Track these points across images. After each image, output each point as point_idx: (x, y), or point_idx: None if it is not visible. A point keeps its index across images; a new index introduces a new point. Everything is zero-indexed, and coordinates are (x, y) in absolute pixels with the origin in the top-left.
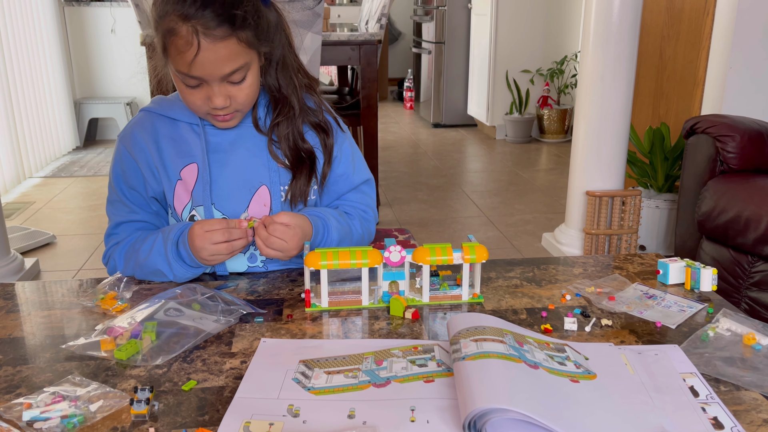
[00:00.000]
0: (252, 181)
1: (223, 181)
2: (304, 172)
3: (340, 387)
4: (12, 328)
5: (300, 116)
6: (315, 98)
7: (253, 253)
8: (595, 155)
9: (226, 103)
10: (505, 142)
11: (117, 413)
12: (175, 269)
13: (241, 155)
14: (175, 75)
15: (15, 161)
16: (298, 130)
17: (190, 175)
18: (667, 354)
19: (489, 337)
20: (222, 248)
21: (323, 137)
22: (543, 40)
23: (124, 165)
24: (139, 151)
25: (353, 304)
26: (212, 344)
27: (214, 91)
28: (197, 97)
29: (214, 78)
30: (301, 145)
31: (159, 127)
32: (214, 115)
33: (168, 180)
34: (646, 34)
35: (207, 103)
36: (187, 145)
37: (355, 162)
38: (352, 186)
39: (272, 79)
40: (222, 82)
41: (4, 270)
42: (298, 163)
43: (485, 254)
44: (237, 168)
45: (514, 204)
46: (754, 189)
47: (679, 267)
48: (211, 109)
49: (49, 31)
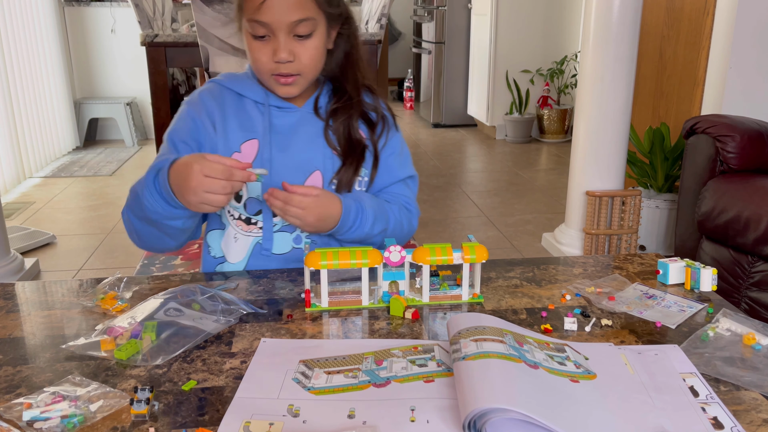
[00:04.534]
0: (307, 166)
1: (280, 161)
2: (353, 162)
3: (340, 387)
4: (12, 328)
5: (357, 108)
6: (373, 97)
7: (299, 235)
8: (595, 155)
9: (290, 58)
10: (505, 142)
11: (117, 413)
12: (146, 195)
13: (300, 139)
14: (246, 31)
15: (15, 161)
16: (353, 119)
17: (249, 150)
18: (667, 354)
19: (489, 337)
20: (217, 186)
21: (374, 133)
22: (543, 40)
23: (185, 123)
24: (205, 115)
25: (353, 304)
26: (212, 344)
27: (280, 43)
28: (263, 52)
29: (282, 25)
30: (353, 134)
31: (226, 99)
32: (277, 76)
33: (226, 148)
34: (646, 34)
35: (272, 59)
36: (250, 121)
37: (402, 157)
38: (395, 179)
39: (336, 67)
40: (288, 34)
41: (4, 270)
42: (350, 151)
43: (485, 254)
44: (295, 151)
45: (514, 204)
46: (754, 189)
47: (679, 267)
48: (275, 65)
49: (49, 31)
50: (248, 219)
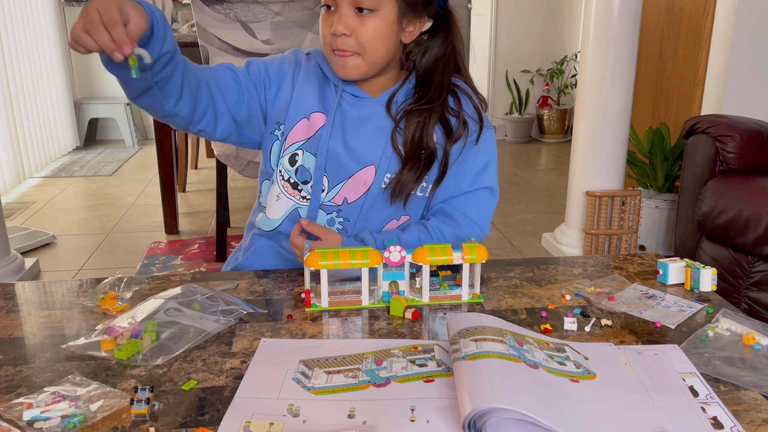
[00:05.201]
0: (363, 157)
1: (339, 145)
2: (415, 168)
3: (340, 387)
4: (12, 328)
5: (436, 111)
6: (460, 101)
7: (333, 218)
8: (594, 155)
9: (346, 31)
10: (505, 142)
11: (117, 413)
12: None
13: (365, 131)
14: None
15: (15, 161)
16: (429, 125)
17: (317, 121)
18: (667, 354)
19: (489, 337)
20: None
21: (450, 141)
22: (543, 40)
23: (274, 61)
24: (298, 71)
25: (353, 304)
26: (212, 344)
27: (340, 14)
28: (326, 24)
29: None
30: (426, 141)
31: (315, 69)
32: (335, 50)
33: (297, 111)
34: (646, 34)
35: (330, 33)
36: (326, 98)
37: (477, 168)
38: (460, 192)
39: (429, 61)
40: (351, 7)
41: (4, 270)
42: (414, 157)
43: (485, 254)
44: (356, 140)
45: (514, 204)
46: (754, 189)
47: (679, 267)
48: (333, 39)
49: (49, 31)
50: (295, 183)
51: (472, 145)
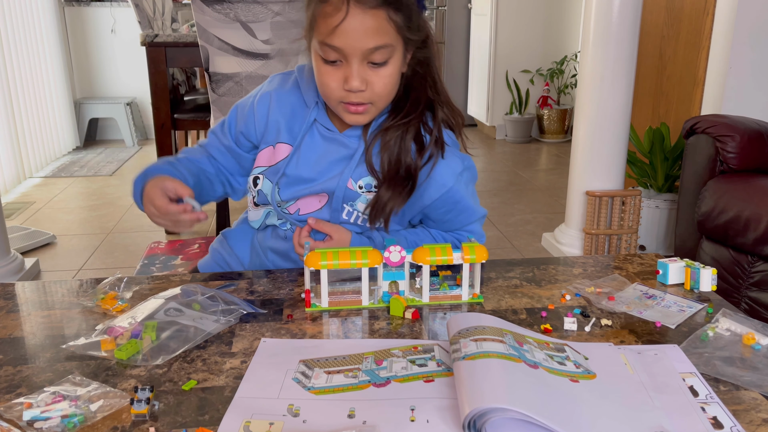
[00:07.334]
0: (318, 187)
1: (297, 173)
2: (395, 189)
3: (340, 387)
4: (12, 328)
5: (413, 125)
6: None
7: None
8: (594, 155)
9: (362, 87)
10: (505, 142)
11: (117, 413)
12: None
13: (324, 162)
14: (316, 52)
15: (15, 161)
16: (405, 140)
17: (281, 152)
18: (667, 354)
19: (489, 337)
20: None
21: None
22: (543, 40)
23: (245, 114)
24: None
25: (353, 304)
26: (212, 344)
27: (353, 70)
28: (333, 77)
29: (356, 52)
30: (403, 158)
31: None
32: (347, 103)
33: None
34: (646, 34)
35: (342, 86)
36: (294, 128)
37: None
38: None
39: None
40: (363, 61)
41: (4, 270)
42: (392, 177)
43: (485, 254)
44: (313, 171)
45: (514, 204)
46: (754, 189)
47: (679, 267)
48: (345, 93)
49: (49, 31)
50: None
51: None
